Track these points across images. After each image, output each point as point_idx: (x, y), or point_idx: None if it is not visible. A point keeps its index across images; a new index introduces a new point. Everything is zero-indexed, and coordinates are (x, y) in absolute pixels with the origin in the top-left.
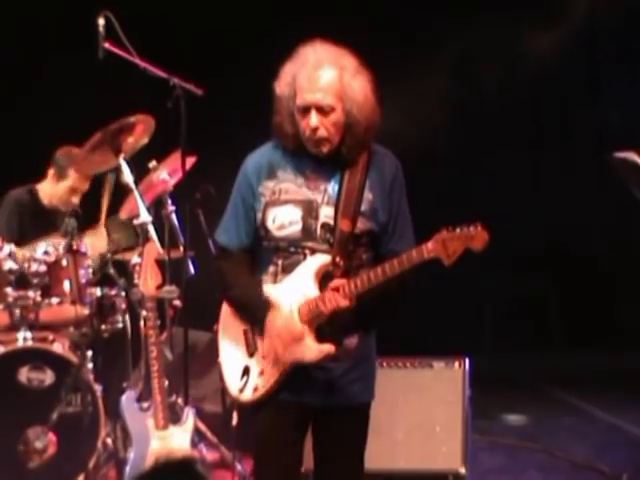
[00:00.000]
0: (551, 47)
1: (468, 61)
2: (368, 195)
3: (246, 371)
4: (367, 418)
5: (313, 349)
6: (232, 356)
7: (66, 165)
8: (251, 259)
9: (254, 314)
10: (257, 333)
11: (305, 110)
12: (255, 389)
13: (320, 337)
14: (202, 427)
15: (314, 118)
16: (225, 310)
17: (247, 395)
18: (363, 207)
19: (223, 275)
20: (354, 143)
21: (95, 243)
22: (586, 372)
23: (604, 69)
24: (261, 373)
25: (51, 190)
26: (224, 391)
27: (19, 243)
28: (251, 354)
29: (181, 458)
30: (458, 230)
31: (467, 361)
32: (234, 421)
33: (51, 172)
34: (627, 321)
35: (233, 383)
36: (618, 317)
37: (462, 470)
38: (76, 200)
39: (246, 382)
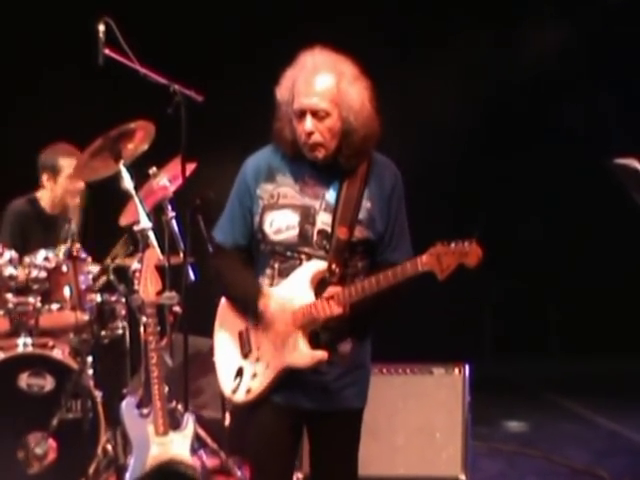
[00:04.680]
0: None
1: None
2: (366, 204)
3: (240, 372)
4: (360, 423)
5: (305, 355)
6: (226, 356)
7: (54, 160)
8: (247, 257)
9: (249, 305)
10: (252, 335)
11: (301, 114)
12: (248, 391)
13: (314, 343)
14: (202, 433)
15: (309, 122)
16: (221, 311)
17: (240, 396)
18: (361, 215)
19: (219, 270)
20: (351, 152)
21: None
22: (586, 378)
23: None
24: (254, 376)
25: (52, 194)
26: (224, 397)
27: (23, 253)
28: (245, 355)
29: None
30: (453, 245)
31: (467, 367)
32: (226, 423)
33: (44, 177)
34: (628, 326)
35: (227, 383)
36: (618, 322)
37: (462, 476)
38: (81, 185)
39: (239, 383)
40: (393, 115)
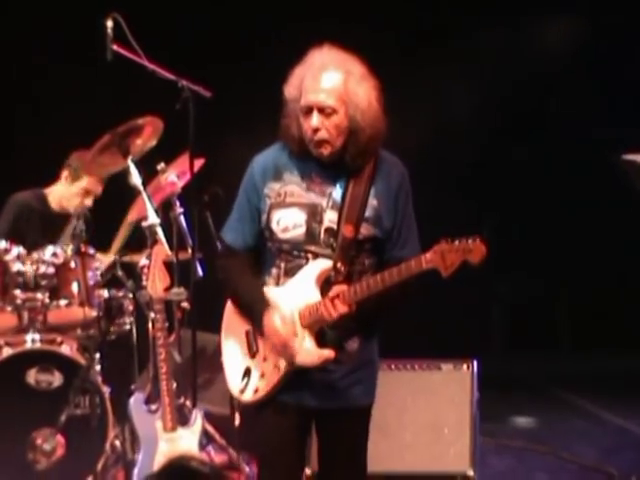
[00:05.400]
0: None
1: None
2: (373, 201)
3: (247, 372)
4: (368, 420)
5: (312, 353)
6: (234, 356)
7: (81, 167)
8: (255, 259)
9: (254, 314)
10: (258, 334)
11: (308, 111)
12: (256, 390)
13: (321, 341)
14: (210, 429)
15: (315, 119)
16: (228, 311)
17: (248, 396)
18: (368, 213)
19: (226, 273)
20: (357, 151)
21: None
22: (594, 374)
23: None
24: (262, 375)
25: (63, 192)
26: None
27: (25, 247)
28: (252, 355)
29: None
30: (457, 242)
31: (475, 363)
32: (236, 421)
33: (65, 174)
34: (637, 324)
35: (234, 383)
36: (627, 319)
37: (470, 472)
38: (89, 202)
39: (247, 383)
40: (404, 112)
